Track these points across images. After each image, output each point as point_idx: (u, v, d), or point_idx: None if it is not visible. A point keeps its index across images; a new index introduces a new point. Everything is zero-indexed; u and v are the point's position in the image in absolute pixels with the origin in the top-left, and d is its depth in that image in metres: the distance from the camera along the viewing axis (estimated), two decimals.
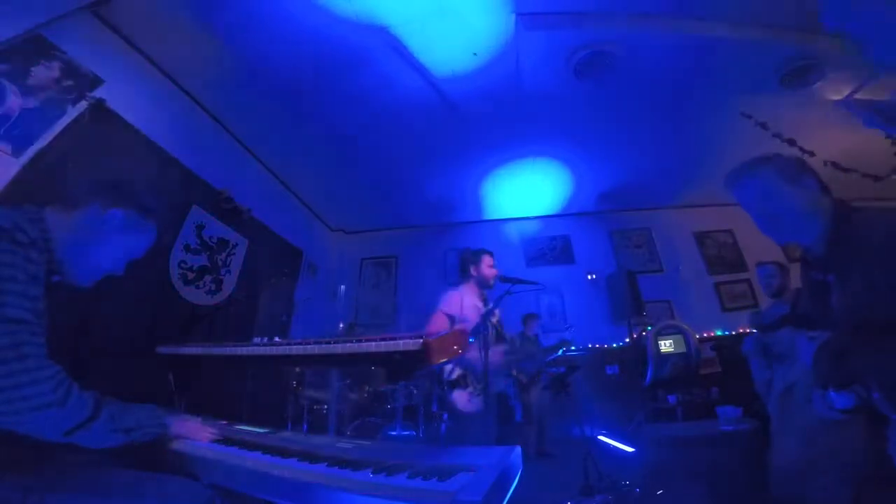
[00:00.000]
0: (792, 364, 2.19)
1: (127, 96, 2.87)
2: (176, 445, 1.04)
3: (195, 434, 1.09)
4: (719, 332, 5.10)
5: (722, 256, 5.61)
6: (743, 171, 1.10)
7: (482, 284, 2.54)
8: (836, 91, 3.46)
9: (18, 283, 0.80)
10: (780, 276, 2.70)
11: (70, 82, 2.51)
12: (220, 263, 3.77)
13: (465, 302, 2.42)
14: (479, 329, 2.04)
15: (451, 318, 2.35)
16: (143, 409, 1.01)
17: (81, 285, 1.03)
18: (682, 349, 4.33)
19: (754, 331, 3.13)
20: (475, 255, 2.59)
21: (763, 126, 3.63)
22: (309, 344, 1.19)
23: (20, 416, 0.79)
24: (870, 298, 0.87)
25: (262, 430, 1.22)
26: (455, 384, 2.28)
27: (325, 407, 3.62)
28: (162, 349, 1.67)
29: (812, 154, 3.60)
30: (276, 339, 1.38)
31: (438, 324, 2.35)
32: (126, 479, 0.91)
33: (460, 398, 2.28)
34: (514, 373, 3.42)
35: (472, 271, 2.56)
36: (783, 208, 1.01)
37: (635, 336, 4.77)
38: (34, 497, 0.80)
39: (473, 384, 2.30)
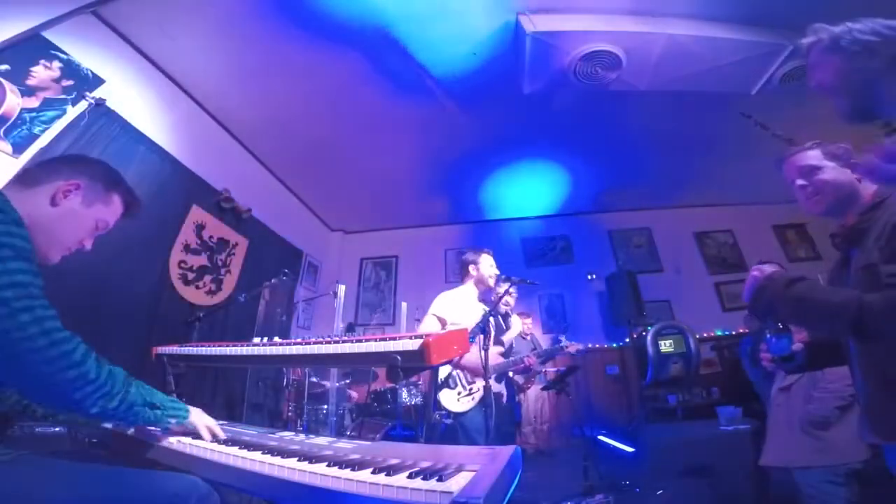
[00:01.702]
0: None
1: (127, 96, 2.87)
2: (175, 445, 1.04)
3: (207, 430, 1.09)
4: (719, 332, 5.11)
5: (722, 256, 5.62)
6: (795, 149, 1.16)
7: (482, 284, 2.52)
8: None
9: (24, 260, 0.78)
10: None
11: (70, 82, 2.52)
12: (220, 263, 3.77)
13: (459, 304, 2.40)
14: (479, 329, 2.03)
15: (442, 321, 2.33)
16: (161, 393, 1.03)
17: (49, 263, 1.00)
18: (682, 349, 4.33)
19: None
20: (475, 254, 2.56)
21: (763, 126, 3.63)
22: (309, 344, 1.19)
23: (54, 390, 0.77)
24: (875, 262, 0.90)
25: (261, 430, 1.22)
26: (443, 384, 2.28)
27: (325, 407, 3.63)
28: (162, 349, 1.66)
29: None
30: (276, 339, 1.38)
31: (428, 326, 2.33)
32: (124, 478, 0.90)
33: (448, 398, 2.28)
34: (511, 374, 3.42)
35: (472, 270, 2.52)
36: (827, 181, 1.09)
37: (635, 336, 4.77)
38: (28, 495, 0.79)
39: (461, 385, 2.29)
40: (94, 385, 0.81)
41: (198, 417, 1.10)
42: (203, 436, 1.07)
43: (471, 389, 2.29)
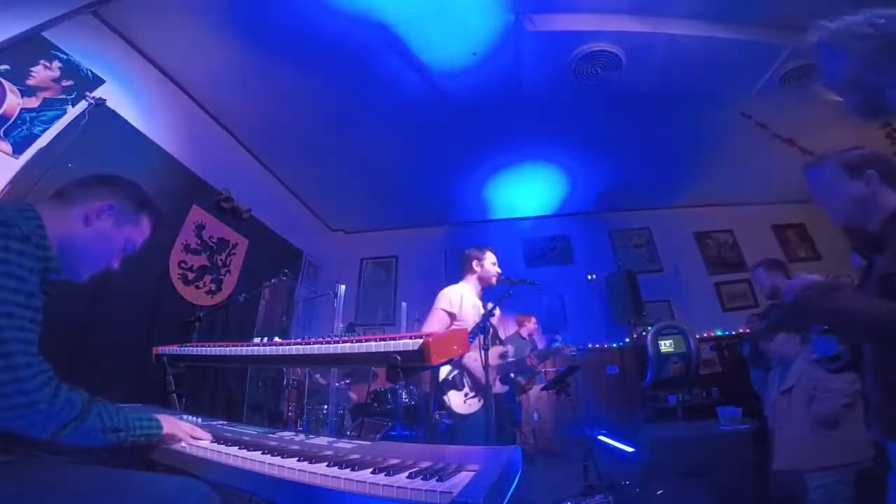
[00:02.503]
0: (789, 366, 2.19)
1: (127, 96, 2.87)
2: (175, 445, 1.04)
3: (187, 436, 1.06)
4: (719, 332, 5.11)
5: (722, 256, 5.62)
6: (814, 161, 1.17)
7: (484, 282, 2.51)
8: None
9: (10, 277, 0.78)
10: (767, 278, 2.67)
11: (70, 82, 2.52)
12: (220, 263, 3.77)
13: (464, 300, 2.39)
14: (479, 329, 2.03)
15: (450, 315, 2.32)
16: (134, 410, 1.00)
17: (78, 280, 1.02)
18: (682, 349, 4.33)
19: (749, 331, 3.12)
20: (479, 251, 2.53)
21: (763, 126, 3.63)
22: (309, 344, 1.19)
23: (2, 414, 0.77)
24: (892, 272, 0.92)
25: (262, 430, 1.22)
26: (450, 385, 2.27)
27: (325, 407, 3.63)
28: (162, 349, 1.66)
29: (812, 154, 3.61)
30: (276, 339, 1.38)
31: (436, 321, 2.32)
32: (124, 479, 0.90)
33: (455, 399, 2.27)
34: (513, 375, 3.41)
35: (476, 267, 2.49)
36: (841, 197, 1.11)
37: (635, 336, 4.77)
38: (29, 496, 0.79)
39: (468, 385, 2.28)
40: (44, 414, 0.80)
41: (174, 427, 1.06)
42: (187, 441, 1.05)
43: (481, 389, 2.28)
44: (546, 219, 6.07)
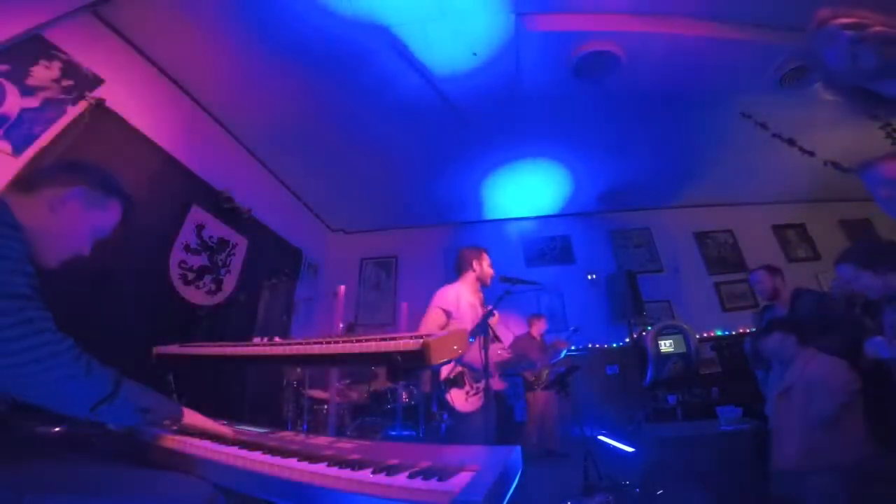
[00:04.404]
0: (788, 366, 2.19)
1: (127, 96, 2.87)
2: (176, 445, 1.04)
3: (207, 425, 1.09)
4: (719, 332, 5.11)
5: (722, 256, 5.62)
6: (872, 159, 1.16)
7: (480, 282, 2.53)
8: None
9: (15, 261, 0.80)
10: (769, 280, 2.72)
11: (70, 82, 2.51)
12: (220, 263, 3.77)
13: (461, 299, 2.40)
14: (479, 329, 2.04)
15: (448, 314, 2.33)
16: (156, 393, 1.02)
17: (47, 267, 1.01)
18: (682, 349, 4.34)
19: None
20: (475, 251, 2.57)
21: (763, 126, 3.63)
22: (309, 344, 1.19)
23: (44, 389, 0.79)
24: None
25: (262, 430, 1.22)
26: (451, 383, 2.27)
27: (325, 407, 3.62)
28: (162, 349, 1.66)
29: (812, 154, 3.61)
30: (276, 339, 1.38)
31: (433, 319, 2.33)
32: (126, 477, 0.91)
33: (457, 397, 2.27)
34: (521, 373, 3.41)
35: (474, 266, 2.53)
36: None
37: (635, 336, 4.77)
38: (30, 495, 0.79)
39: (470, 383, 2.29)
40: (83, 387, 0.82)
41: (193, 418, 1.09)
42: (208, 429, 1.08)
43: (478, 388, 2.29)
44: (546, 219, 6.06)
